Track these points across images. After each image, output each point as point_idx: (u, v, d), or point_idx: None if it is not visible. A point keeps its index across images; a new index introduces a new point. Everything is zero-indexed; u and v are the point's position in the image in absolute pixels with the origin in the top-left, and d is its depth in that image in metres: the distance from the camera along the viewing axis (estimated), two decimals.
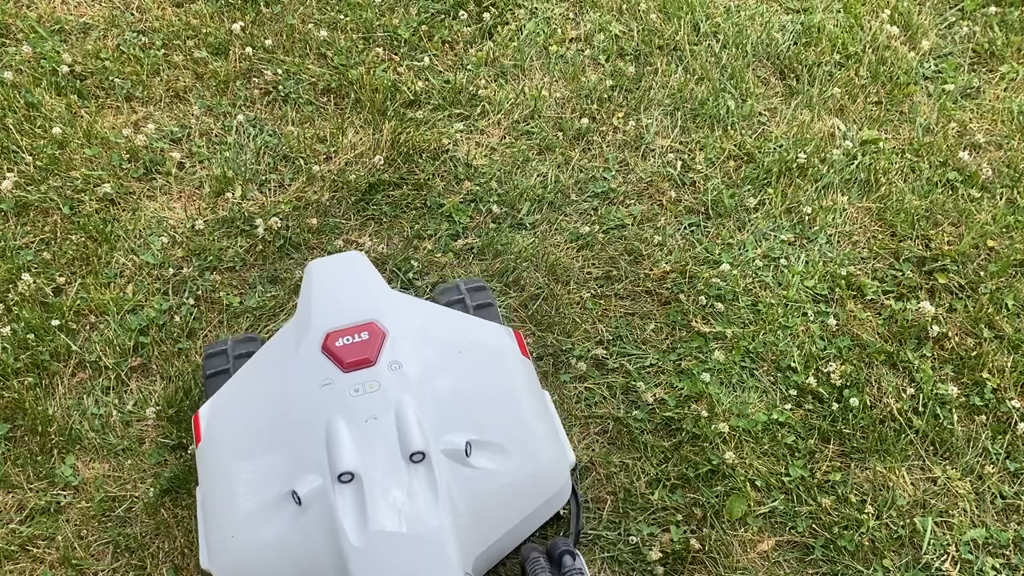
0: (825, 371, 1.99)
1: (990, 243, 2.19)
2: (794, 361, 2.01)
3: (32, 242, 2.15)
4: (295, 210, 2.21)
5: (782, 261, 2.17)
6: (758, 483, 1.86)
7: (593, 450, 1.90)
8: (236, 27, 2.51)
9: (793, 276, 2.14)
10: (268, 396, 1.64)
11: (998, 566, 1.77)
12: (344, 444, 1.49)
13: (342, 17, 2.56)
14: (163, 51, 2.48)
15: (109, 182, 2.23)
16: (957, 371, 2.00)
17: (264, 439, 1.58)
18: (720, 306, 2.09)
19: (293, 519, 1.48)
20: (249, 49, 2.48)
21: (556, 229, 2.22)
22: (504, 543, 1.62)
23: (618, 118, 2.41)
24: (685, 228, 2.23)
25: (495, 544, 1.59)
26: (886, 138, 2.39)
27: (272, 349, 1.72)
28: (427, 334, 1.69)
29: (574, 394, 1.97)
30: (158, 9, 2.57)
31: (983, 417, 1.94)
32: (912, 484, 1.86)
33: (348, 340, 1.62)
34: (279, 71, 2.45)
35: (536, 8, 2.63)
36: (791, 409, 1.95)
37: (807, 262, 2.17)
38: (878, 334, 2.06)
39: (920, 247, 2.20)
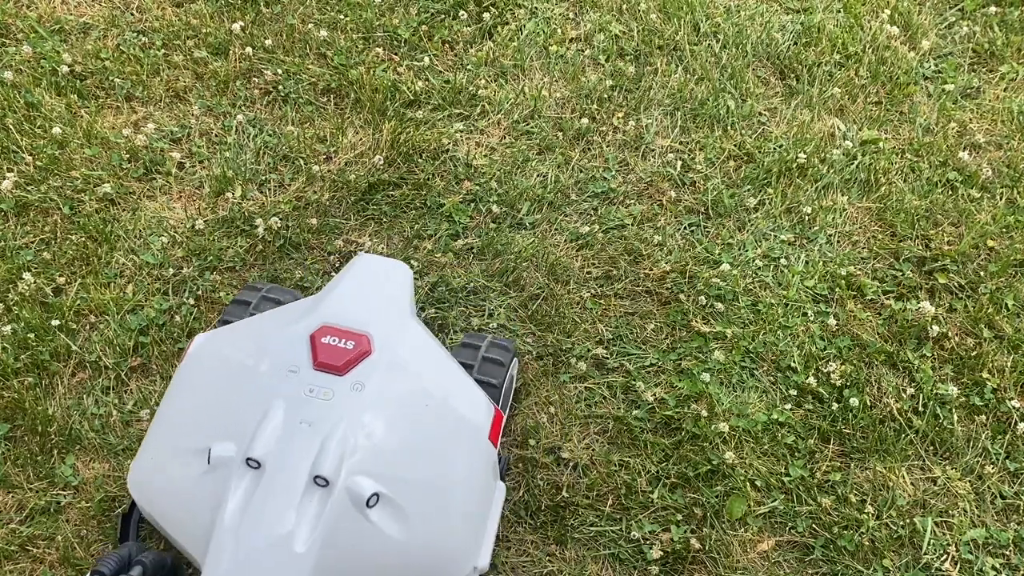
0: (825, 371, 1.99)
1: (990, 243, 2.19)
2: (794, 361, 2.01)
3: (32, 242, 2.15)
4: (295, 210, 2.21)
5: (782, 261, 2.17)
6: (758, 483, 1.86)
7: (593, 449, 1.90)
8: (236, 27, 2.51)
9: (793, 276, 2.14)
10: (246, 354, 1.65)
11: (998, 566, 1.77)
12: (268, 432, 1.49)
13: (342, 17, 2.56)
14: (163, 51, 2.48)
15: (109, 182, 2.23)
16: (957, 371, 2.00)
17: (221, 391, 1.60)
18: (720, 306, 2.09)
19: (199, 473, 1.51)
20: (249, 49, 2.48)
21: (556, 229, 2.22)
22: None
23: (618, 118, 2.41)
24: (685, 228, 2.23)
25: None
26: (886, 138, 2.39)
27: (279, 313, 1.75)
28: (408, 371, 1.61)
29: (574, 394, 1.97)
30: (158, 9, 2.57)
31: (983, 417, 1.94)
32: (912, 484, 1.86)
33: (334, 340, 1.61)
34: (279, 71, 2.45)
35: (536, 8, 2.63)
36: (791, 409, 1.95)
37: (807, 262, 2.17)
38: (878, 334, 2.06)
39: (920, 247, 2.20)
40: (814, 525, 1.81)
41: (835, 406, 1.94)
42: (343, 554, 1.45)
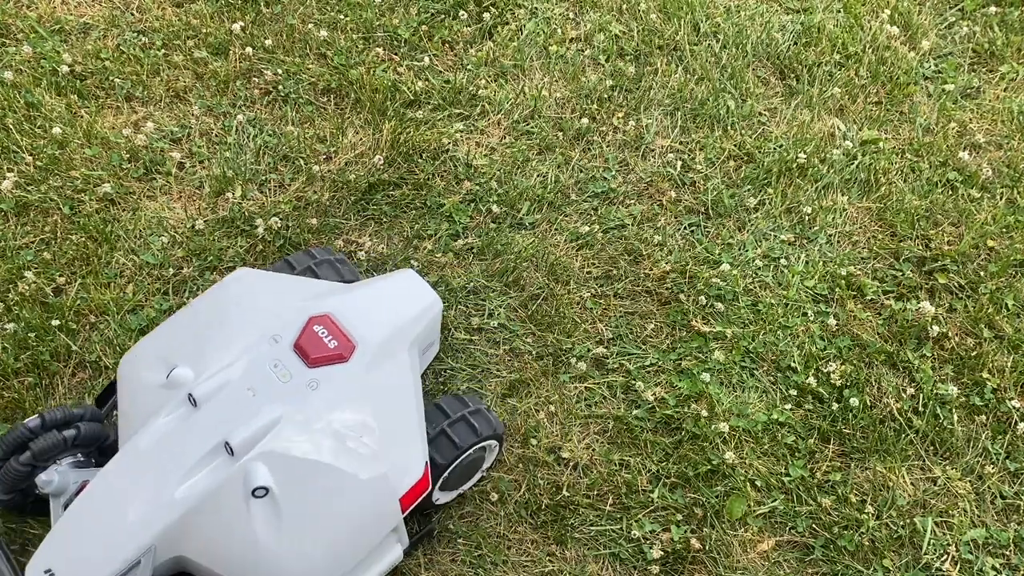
0: (825, 371, 1.99)
1: (990, 243, 2.19)
2: (794, 361, 2.01)
3: (32, 242, 2.15)
4: (295, 210, 2.21)
5: (782, 261, 2.17)
6: (758, 483, 1.86)
7: (593, 449, 1.90)
8: (236, 27, 2.51)
9: (793, 276, 2.14)
10: (257, 306, 1.69)
11: (998, 566, 1.77)
12: (217, 381, 1.55)
13: (342, 17, 2.56)
14: (163, 51, 2.48)
15: (109, 182, 2.23)
16: (957, 371, 2.00)
17: (216, 324, 1.68)
18: (720, 306, 2.09)
19: (157, 384, 1.59)
20: (249, 49, 2.48)
21: (556, 229, 2.22)
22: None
23: (618, 118, 2.41)
24: (685, 228, 2.23)
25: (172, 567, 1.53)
26: (886, 138, 2.39)
27: (309, 284, 1.78)
28: (365, 398, 1.60)
29: (574, 394, 1.97)
30: (158, 9, 2.57)
31: (983, 417, 1.94)
32: (912, 484, 1.86)
33: (323, 333, 1.63)
34: (279, 71, 2.45)
35: (536, 8, 2.63)
36: (791, 409, 1.95)
37: (807, 262, 2.17)
38: (878, 334, 2.06)
39: (920, 247, 2.20)
40: (814, 525, 1.81)
41: (835, 406, 1.94)
42: (209, 524, 1.48)
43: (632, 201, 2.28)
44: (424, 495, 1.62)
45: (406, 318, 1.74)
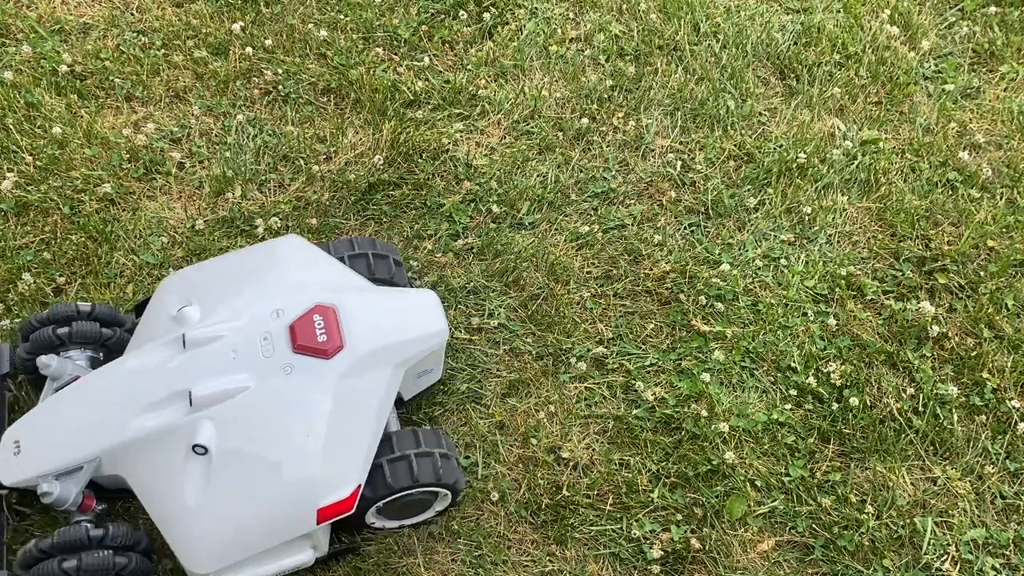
0: (825, 371, 1.99)
1: (990, 243, 2.19)
2: (794, 361, 2.01)
3: (32, 242, 2.15)
4: (295, 210, 2.21)
5: (782, 261, 2.17)
6: (758, 483, 1.86)
7: (593, 449, 1.90)
8: (236, 27, 2.51)
9: (793, 276, 2.14)
10: (288, 278, 1.77)
11: (998, 566, 1.77)
12: (210, 333, 1.65)
13: (342, 17, 2.56)
14: (163, 51, 2.48)
15: (109, 182, 2.23)
16: (957, 371, 2.00)
17: (244, 278, 1.78)
18: (720, 306, 2.09)
19: (170, 315, 1.72)
20: (249, 49, 2.48)
21: (556, 229, 2.22)
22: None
23: (618, 118, 2.41)
24: (685, 228, 2.23)
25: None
26: (886, 138, 2.39)
27: (342, 274, 1.81)
28: (329, 400, 1.60)
29: (574, 394, 1.97)
30: (158, 9, 2.57)
31: (983, 417, 1.94)
32: (912, 484, 1.86)
33: (320, 324, 1.66)
34: (279, 71, 2.45)
35: (536, 8, 2.63)
36: (791, 409, 1.95)
37: (807, 262, 2.17)
38: (878, 334, 2.06)
39: (920, 247, 2.20)
40: (814, 525, 1.81)
41: (835, 406, 1.94)
42: (149, 460, 1.59)
43: (632, 201, 2.28)
44: (344, 515, 1.59)
45: (405, 338, 1.72)
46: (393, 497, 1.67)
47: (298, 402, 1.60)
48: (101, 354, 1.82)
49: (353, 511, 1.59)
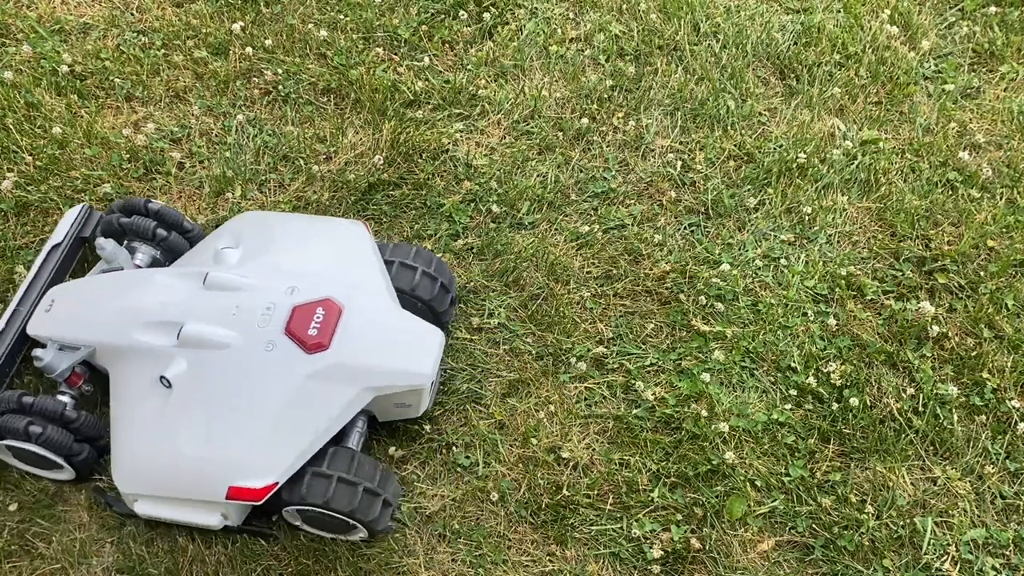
0: (825, 371, 1.99)
1: (990, 243, 2.19)
2: (794, 361, 2.01)
3: (32, 242, 2.15)
4: (295, 210, 2.21)
5: (782, 261, 2.17)
6: (758, 483, 1.86)
7: (593, 449, 1.90)
8: (236, 27, 2.51)
9: (793, 276, 2.14)
10: (328, 260, 1.85)
11: (998, 566, 1.77)
12: (231, 281, 1.77)
13: (342, 17, 2.56)
14: (163, 51, 2.48)
15: (109, 182, 2.23)
16: (957, 371, 2.00)
17: (290, 249, 1.88)
18: (720, 306, 2.09)
19: (218, 249, 1.85)
20: (249, 49, 2.48)
21: (556, 229, 2.22)
22: None
23: (618, 118, 2.41)
24: (685, 228, 2.23)
25: None
26: (886, 138, 2.39)
27: (377, 277, 1.83)
28: (288, 394, 1.66)
29: (574, 394, 1.97)
30: (158, 9, 2.57)
31: (983, 417, 1.94)
32: (912, 484, 1.86)
33: (319, 317, 1.70)
34: (279, 71, 2.45)
35: (536, 8, 2.63)
36: (791, 409, 1.95)
37: (807, 262, 2.17)
38: (878, 334, 2.06)
39: (920, 247, 2.20)
40: (814, 525, 1.81)
41: (835, 406, 1.94)
42: (126, 368, 1.73)
43: (632, 201, 2.28)
44: (253, 503, 1.61)
45: (385, 367, 1.71)
46: (303, 508, 1.68)
47: (262, 381, 1.66)
48: (161, 255, 1.97)
49: (262, 502, 1.62)
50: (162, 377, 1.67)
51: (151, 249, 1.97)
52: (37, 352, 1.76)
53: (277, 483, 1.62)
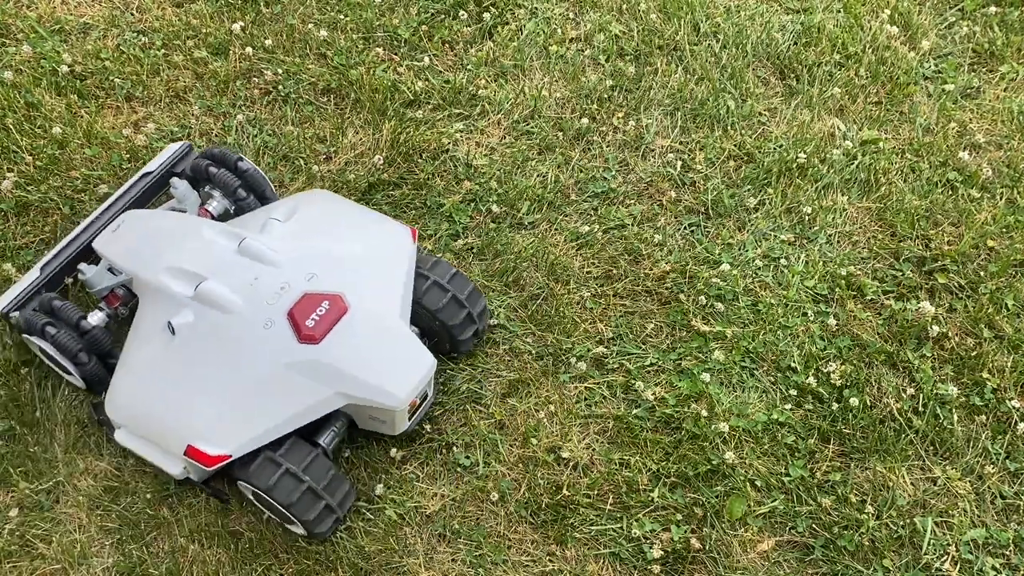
0: (825, 371, 1.99)
1: (990, 243, 2.19)
2: (794, 361, 2.01)
3: (32, 242, 2.15)
4: None
5: (782, 261, 2.17)
6: (758, 483, 1.86)
7: (593, 449, 1.90)
8: (236, 27, 2.51)
9: (793, 276, 2.14)
10: (359, 253, 1.87)
11: (998, 566, 1.77)
12: (261, 252, 1.81)
13: (342, 17, 2.56)
14: (163, 51, 2.48)
15: (109, 182, 2.23)
16: (957, 371, 2.00)
17: (324, 232, 1.92)
18: (720, 306, 2.09)
19: (262, 220, 1.92)
20: (249, 49, 2.48)
21: (556, 229, 2.22)
22: None
23: (618, 118, 2.41)
24: (685, 228, 2.23)
25: None
26: (886, 138, 2.39)
27: (396, 282, 1.84)
28: (268, 372, 1.70)
29: (574, 394, 1.97)
30: (158, 9, 2.57)
31: (983, 417, 1.94)
32: (912, 484, 1.86)
33: (323, 311, 1.72)
34: (279, 71, 2.45)
35: (536, 8, 2.63)
36: (791, 409, 1.95)
37: (807, 262, 2.17)
38: (878, 334, 2.06)
39: (920, 247, 2.20)
40: (814, 525, 1.81)
41: (835, 406, 1.94)
42: (147, 307, 1.83)
43: (632, 201, 2.28)
44: (205, 468, 1.66)
45: (361, 378, 1.70)
46: (250, 487, 1.71)
47: (249, 355, 1.70)
48: (234, 211, 2.04)
49: (211, 470, 1.67)
50: (169, 323, 1.74)
51: (226, 202, 2.05)
52: (82, 266, 1.90)
53: (230, 456, 1.66)
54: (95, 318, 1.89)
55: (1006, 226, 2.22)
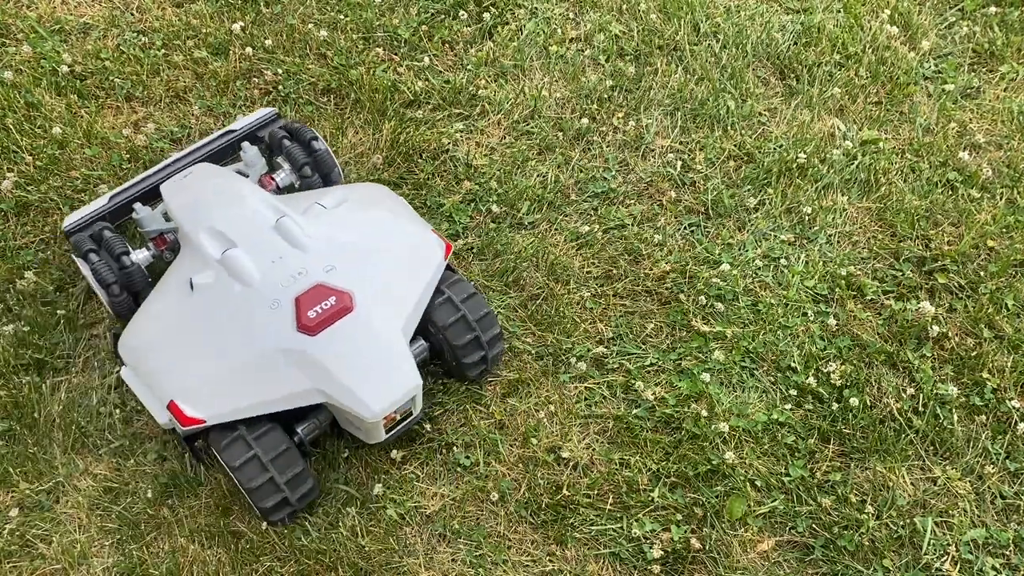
0: (825, 371, 1.99)
1: (990, 243, 2.19)
2: (794, 361, 2.01)
3: (32, 242, 2.15)
4: None
5: (782, 261, 2.17)
6: (758, 483, 1.86)
7: (593, 449, 1.90)
8: (236, 27, 2.51)
9: (793, 276, 2.14)
10: (387, 259, 1.88)
11: (998, 566, 1.77)
12: (294, 233, 1.84)
13: (342, 17, 2.56)
14: (163, 51, 2.48)
15: (109, 182, 2.23)
16: (957, 371, 2.00)
17: (381, 233, 1.95)
18: (720, 306, 2.09)
19: (312, 203, 1.95)
20: (249, 49, 2.48)
21: (556, 229, 2.22)
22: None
23: (618, 118, 2.41)
24: (685, 228, 2.23)
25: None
26: (886, 138, 2.39)
27: (412, 294, 1.84)
28: (257, 360, 1.73)
29: (574, 394, 1.97)
30: (158, 9, 2.57)
31: (983, 417, 1.94)
32: (912, 484, 1.86)
33: (327, 306, 1.73)
34: (279, 71, 2.45)
35: (536, 8, 2.63)
36: (791, 409, 1.95)
37: (807, 262, 2.17)
38: (878, 334, 2.06)
39: (920, 247, 2.20)
40: (814, 525, 1.82)
41: (835, 406, 1.94)
42: (182, 255, 1.90)
43: (632, 201, 2.28)
44: (181, 426, 1.71)
45: (341, 384, 1.70)
46: (219, 458, 1.75)
47: (248, 330, 1.74)
48: (299, 187, 2.10)
49: (184, 430, 1.72)
50: (191, 279, 1.79)
51: (293, 176, 2.11)
52: (137, 206, 2.00)
53: (204, 422, 1.70)
54: (138, 256, 1.98)
55: (1006, 226, 2.22)
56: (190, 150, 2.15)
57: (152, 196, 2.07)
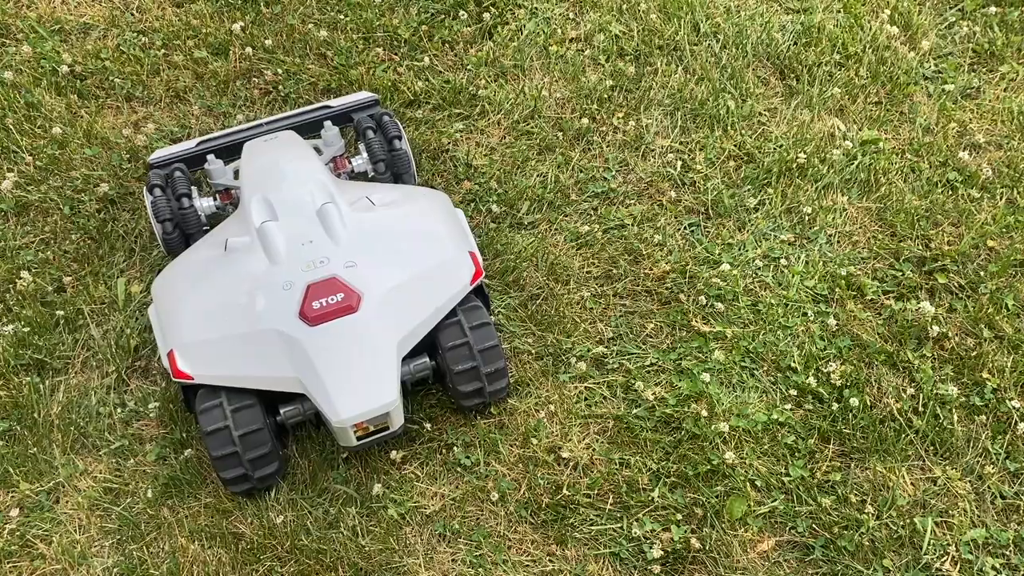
0: (825, 371, 1.99)
1: (990, 243, 2.19)
2: (794, 361, 2.01)
3: (32, 242, 2.15)
4: None
5: (782, 261, 2.17)
6: (758, 483, 1.86)
7: (593, 449, 1.90)
8: (236, 27, 2.51)
9: (793, 276, 2.14)
10: (412, 270, 1.86)
11: (998, 566, 1.77)
12: (333, 217, 1.86)
13: (342, 17, 2.56)
14: (163, 51, 2.48)
15: (109, 182, 2.23)
16: (957, 371, 2.00)
17: (420, 238, 1.94)
18: (720, 306, 2.09)
19: (362, 196, 1.97)
20: (249, 49, 2.48)
21: (556, 229, 2.22)
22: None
23: (618, 118, 2.41)
24: (685, 228, 2.23)
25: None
26: (886, 138, 2.39)
27: (424, 314, 1.83)
28: (249, 338, 1.76)
29: (574, 394, 1.97)
30: (158, 9, 2.57)
31: (983, 417, 1.94)
32: (912, 484, 1.86)
33: (335, 300, 1.74)
34: (279, 71, 2.45)
35: (536, 8, 2.63)
36: (791, 409, 1.95)
37: (807, 262, 2.17)
38: (878, 334, 2.06)
39: (920, 247, 2.20)
40: (814, 525, 1.81)
41: (835, 406, 1.94)
42: (235, 213, 1.98)
43: (632, 201, 2.28)
44: (171, 376, 1.77)
45: (320, 383, 1.70)
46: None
47: (254, 303, 1.75)
48: (370, 177, 2.14)
49: (175, 381, 1.77)
50: (229, 240, 1.85)
51: (369, 166, 2.14)
52: (210, 157, 2.07)
53: (191, 377, 1.74)
54: (201, 203, 2.04)
55: (1006, 226, 2.22)
56: (282, 116, 2.20)
57: (235, 151, 2.10)
